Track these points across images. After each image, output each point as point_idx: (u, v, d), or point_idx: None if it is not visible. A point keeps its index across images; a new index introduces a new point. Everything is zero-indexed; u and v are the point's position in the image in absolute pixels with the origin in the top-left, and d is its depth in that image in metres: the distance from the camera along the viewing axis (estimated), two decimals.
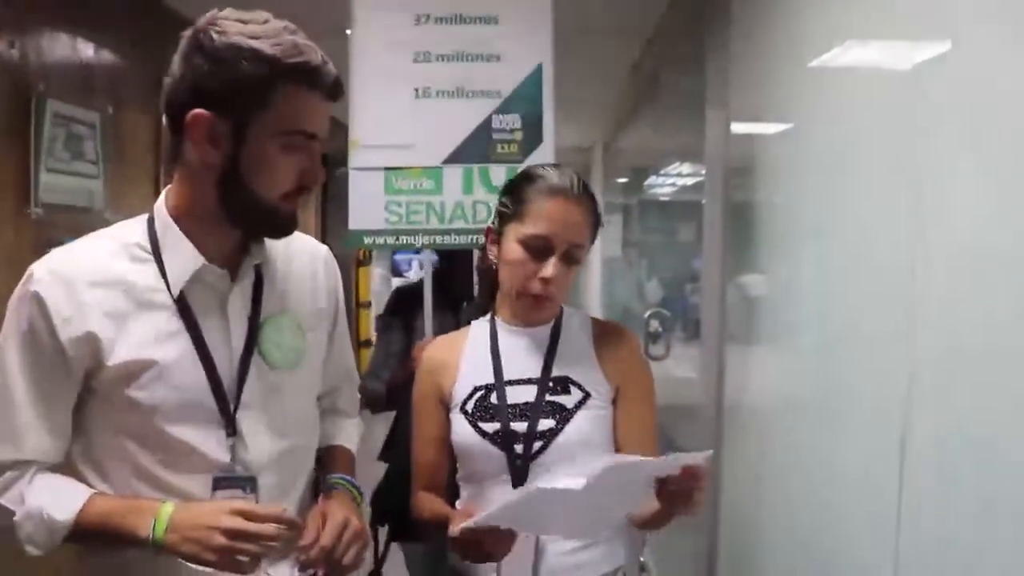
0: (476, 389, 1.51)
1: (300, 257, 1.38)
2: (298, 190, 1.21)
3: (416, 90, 2.26)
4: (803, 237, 1.91)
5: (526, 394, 1.49)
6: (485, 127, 2.26)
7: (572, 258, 1.47)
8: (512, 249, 1.48)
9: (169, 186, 1.26)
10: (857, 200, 1.55)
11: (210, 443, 1.22)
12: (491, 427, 1.48)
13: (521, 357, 1.53)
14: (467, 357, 1.56)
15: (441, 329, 2.19)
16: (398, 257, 9.03)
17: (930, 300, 1.24)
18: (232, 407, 1.24)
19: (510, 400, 1.49)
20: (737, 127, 2.47)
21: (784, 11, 2.02)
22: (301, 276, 1.36)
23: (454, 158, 2.26)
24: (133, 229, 1.26)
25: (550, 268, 1.45)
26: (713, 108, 2.57)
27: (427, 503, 1.56)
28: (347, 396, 1.53)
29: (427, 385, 1.57)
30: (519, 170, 2.16)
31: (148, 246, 1.24)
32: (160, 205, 1.26)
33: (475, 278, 2.33)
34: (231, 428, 1.23)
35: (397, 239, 2.27)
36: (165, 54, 1.21)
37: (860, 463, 1.48)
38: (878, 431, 1.39)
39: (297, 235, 1.38)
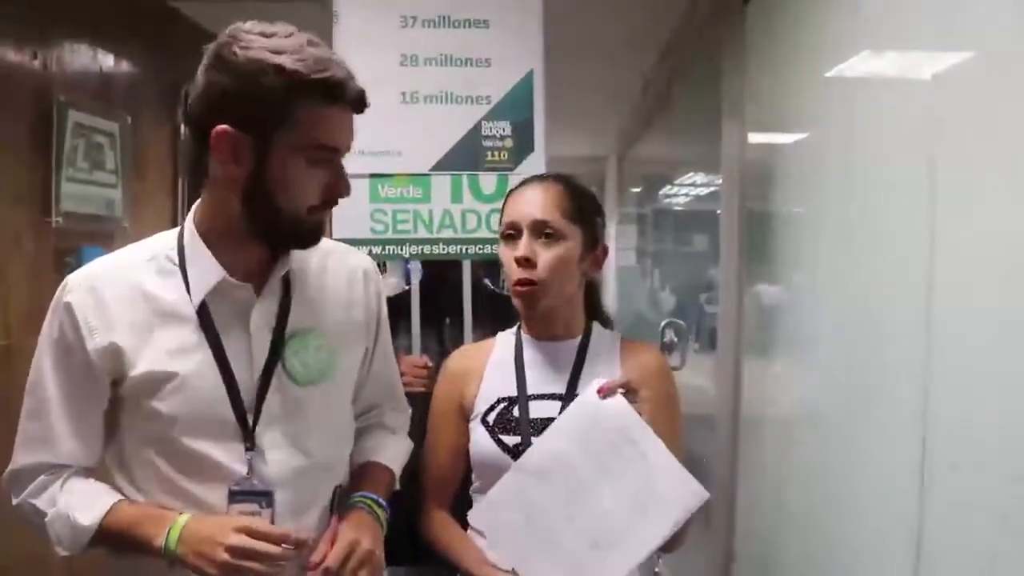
0: (500, 400, 1.50)
1: (337, 271, 1.36)
2: (324, 204, 1.21)
3: (403, 94, 2.16)
4: (819, 246, 1.90)
5: (549, 410, 1.47)
6: (474, 134, 2.17)
7: (541, 234, 1.46)
8: (500, 250, 1.53)
9: (199, 200, 1.27)
10: (873, 209, 1.55)
11: (228, 456, 1.22)
12: (512, 440, 1.46)
13: (546, 372, 1.51)
14: (492, 367, 1.54)
15: (422, 346, 2.13)
16: (410, 265, 9.00)
17: (947, 308, 1.24)
18: (251, 421, 1.24)
19: (532, 415, 1.47)
20: (753, 136, 2.47)
21: (800, 20, 2.02)
22: (336, 291, 1.35)
23: (442, 165, 2.17)
24: (164, 241, 1.28)
25: (520, 248, 1.46)
26: (729, 117, 2.57)
27: (443, 530, 1.53)
28: (391, 413, 1.50)
29: (448, 392, 1.56)
30: (510, 179, 2.14)
31: (176, 259, 1.25)
32: (189, 218, 1.27)
33: (466, 293, 2.16)
34: (250, 442, 1.23)
35: (383, 249, 2.17)
36: (182, 64, 1.22)
37: (878, 473, 1.48)
38: (896, 440, 1.38)
39: (339, 248, 1.40)
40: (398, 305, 2.18)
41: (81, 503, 1.22)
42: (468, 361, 1.58)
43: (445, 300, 2.21)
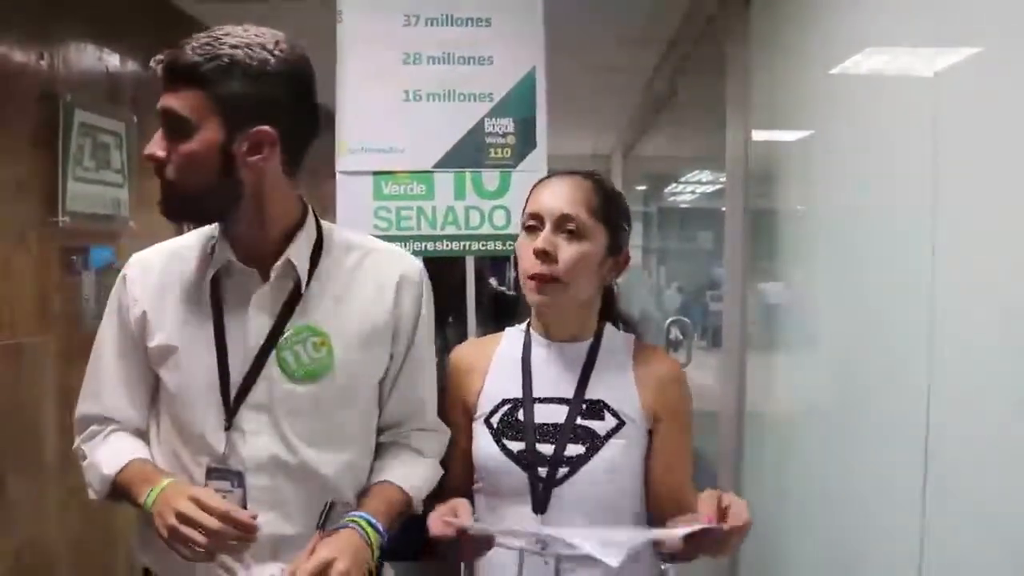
0: (504, 402, 1.42)
1: (371, 275, 1.35)
2: (156, 169, 1.25)
3: (406, 92, 2.18)
4: (824, 244, 1.90)
5: (556, 414, 1.39)
6: (477, 131, 2.18)
7: (565, 229, 1.37)
8: (519, 240, 1.45)
9: None
10: (877, 207, 1.55)
11: (211, 432, 1.28)
12: (516, 446, 1.38)
13: (553, 374, 1.43)
14: (496, 365, 1.47)
15: None
16: None
17: (950, 306, 1.24)
18: (233, 401, 1.27)
19: (538, 419, 1.39)
20: (758, 134, 2.47)
21: (804, 17, 2.02)
22: (360, 293, 1.34)
23: (445, 162, 2.18)
24: (214, 228, 1.35)
25: (540, 239, 1.38)
26: (733, 115, 2.57)
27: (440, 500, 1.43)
28: (419, 433, 1.43)
29: (452, 390, 1.49)
30: (512, 175, 2.16)
31: (213, 243, 1.33)
32: None
33: (470, 289, 2.16)
34: (229, 422, 1.28)
35: None
36: None
37: (881, 469, 1.48)
38: (899, 437, 1.39)
39: (385, 250, 1.40)
40: None
41: (108, 455, 1.32)
42: (472, 357, 1.51)
43: (448, 297, 2.22)
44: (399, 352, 1.37)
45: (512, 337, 1.51)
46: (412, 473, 1.38)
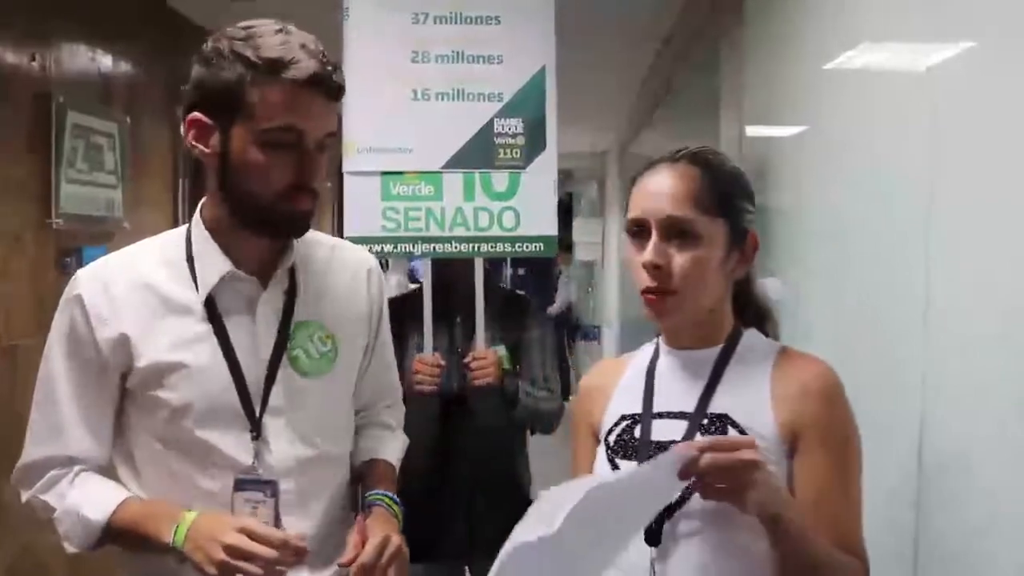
0: (623, 418, 1.26)
1: (342, 266, 1.38)
2: (295, 188, 1.20)
3: (414, 91, 2.16)
4: (819, 239, 1.90)
5: (674, 431, 1.20)
6: (486, 131, 2.17)
7: (676, 233, 1.16)
8: (626, 250, 1.25)
9: (206, 196, 1.30)
10: (872, 203, 1.55)
11: (235, 445, 1.24)
12: (627, 466, 1.21)
13: (676, 385, 1.24)
14: (625, 381, 1.31)
15: (433, 344, 2.10)
16: (415, 264, 8.95)
17: (944, 303, 1.24)
18: (258, 410, 1.26)
19: (654, 436, 1.21)
20: (751, 129, 2.46)
21: (798, 13, 2.02)
22: (341, 286, 1.37)
23: (454, 163, 2.16)
24: (174, 237, 1.31)
25: (648, 251, 1.17)
26: (727, 110, 2.57)
27: None
28: (390, 409, 1.51)
29: (580, 410, 1.35)
30: (522, 177, 2.15)
31: (184, 254, 1.27)
32: (197, 213, 1.30)
33: (479, 291, 2.14)
34: (256, 431, 1.25)
35: (395, 247, 2.16)
36: (182, 65, 1.23)
37: (876, 467, 1.47)
38: (894, 434, 1.38)
39: (344, 244, 1.44)
40: (410, 303, 2.18)
41: (90, 499, 1.23)
42: (602, 376, 1.36)
43: (456, 298, 2.21)
44: (373, 338, 1.42)
45: (647, 349, 1.34)
46: (394, 447, 1.48)
